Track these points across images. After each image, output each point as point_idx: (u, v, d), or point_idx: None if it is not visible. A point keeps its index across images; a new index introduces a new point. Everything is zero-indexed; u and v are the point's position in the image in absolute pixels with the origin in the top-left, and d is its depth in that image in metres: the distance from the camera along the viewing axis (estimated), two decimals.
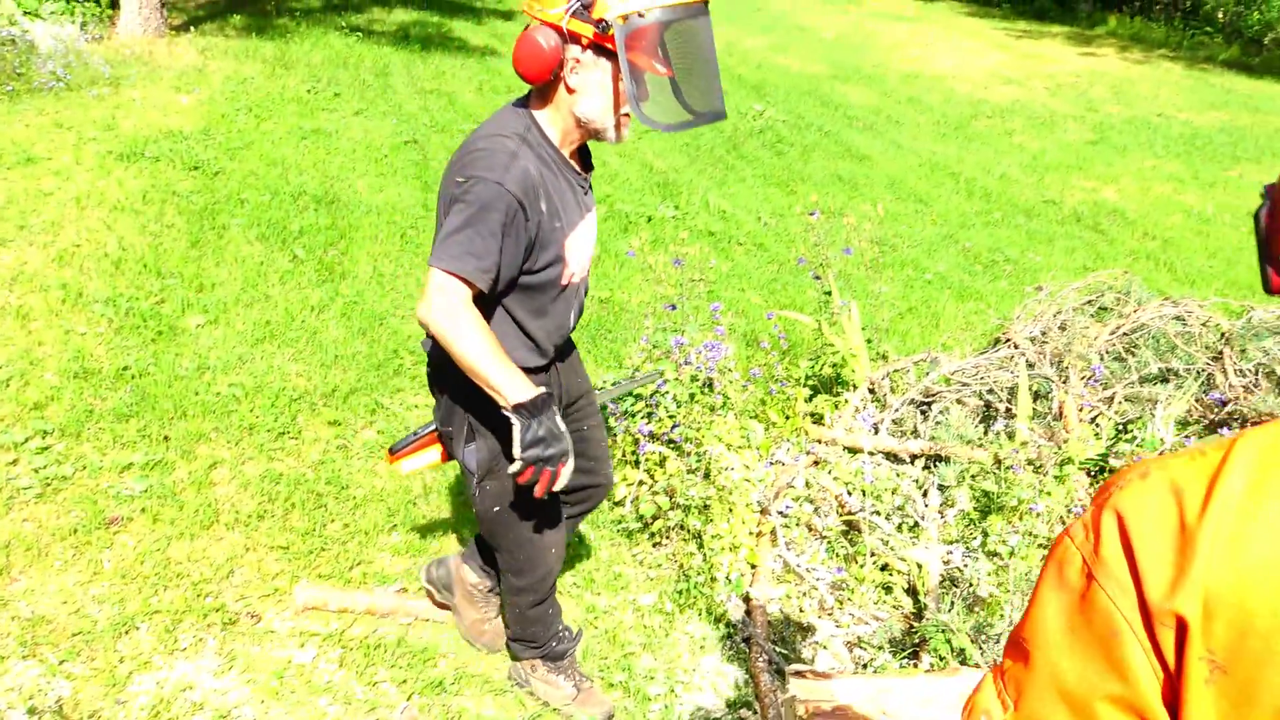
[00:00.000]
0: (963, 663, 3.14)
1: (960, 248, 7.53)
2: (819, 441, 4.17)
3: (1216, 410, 4.29)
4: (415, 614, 3.32)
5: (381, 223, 6.38)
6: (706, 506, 3.66)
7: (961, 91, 13.22)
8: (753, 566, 3.59)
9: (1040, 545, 3.60)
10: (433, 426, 2.71)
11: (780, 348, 4.87)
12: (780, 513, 3.80)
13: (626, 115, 2.31)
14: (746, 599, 3.49)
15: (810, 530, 3.81)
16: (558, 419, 2.29)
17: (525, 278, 2.35)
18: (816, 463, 4.07)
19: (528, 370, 2.43)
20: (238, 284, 5.36)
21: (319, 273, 5.59)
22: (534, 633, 2.95)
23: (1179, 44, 19.48)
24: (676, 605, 3.49)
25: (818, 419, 4.40)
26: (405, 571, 3.53)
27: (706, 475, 3.79)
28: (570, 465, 2.33)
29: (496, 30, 14.02)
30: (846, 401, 4.43)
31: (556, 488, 2.34)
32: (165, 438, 4.05)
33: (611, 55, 2.22)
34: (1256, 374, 4.53)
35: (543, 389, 2.27)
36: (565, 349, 2.75)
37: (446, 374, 2.49)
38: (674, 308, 4.53)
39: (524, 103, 2.40)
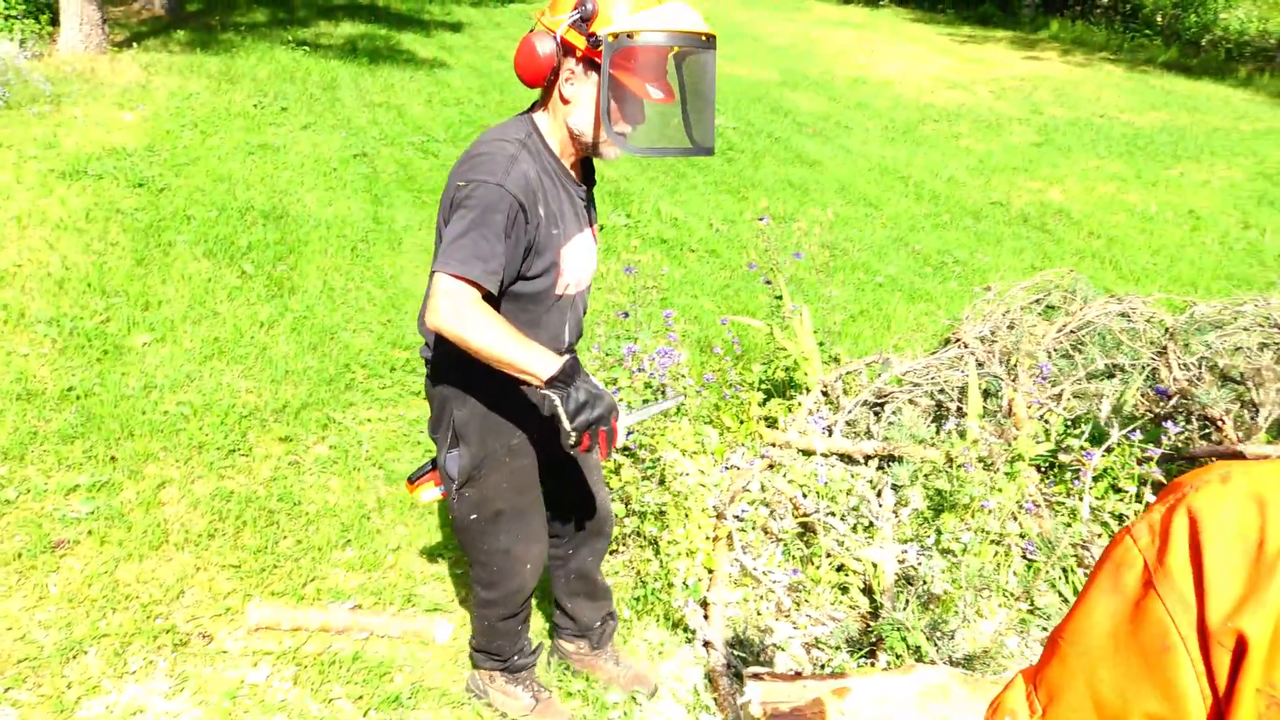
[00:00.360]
0: (919, 660, 3.17)
1: (910, 250, 7.60)
2: (773, 445, 4.18)
3: (1162, 404, 4.37)
4: (371, 629, 3.28)
5: (331, 236, 6.33)
6: (662, 513, 3.66)
7: (908, 96, 13.36)
8: (710, 571, 3.60)
9: (993, 541, 3.64)
10: None
11: (733, 353, 4.89)
12: (736, 517, 3.81)
13: (619, 134, 2.28)
14: (704, 603, 3.49)
15: (766, 533, 3.82)
16: (593, 380, 2.29)
17: (520, 284, 2.35)
18: (771, 466, 4.09)
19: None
20: (185, 301, 5.29)
21: (268, 288, 5.53)
22: (499, 646, 2.92)
23: (1119, 47, 19.84)
24: (634, 612, 3.48)
25: (771, 423, 4.42)
26: (360, 587, 3.49)
27: (661, 481, 3.79)
28: (623, 418, 2.33)
29: (445, 42, 13.97)
30: (800, 404, 4.46)
31: (619, 444, 2.34)
32: (112, 458, 3.99)
33: (600, 69, 2.21)
34: (1200, 367, 4.61)
35: (567, 356, 2.26)
36: None
37: (438, 380, 2.49)
38: (626, 315, 4.54)
39: (530, 110, 2.41)
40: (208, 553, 3.56)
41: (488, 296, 2.22)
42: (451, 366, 2.41)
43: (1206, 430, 4.37)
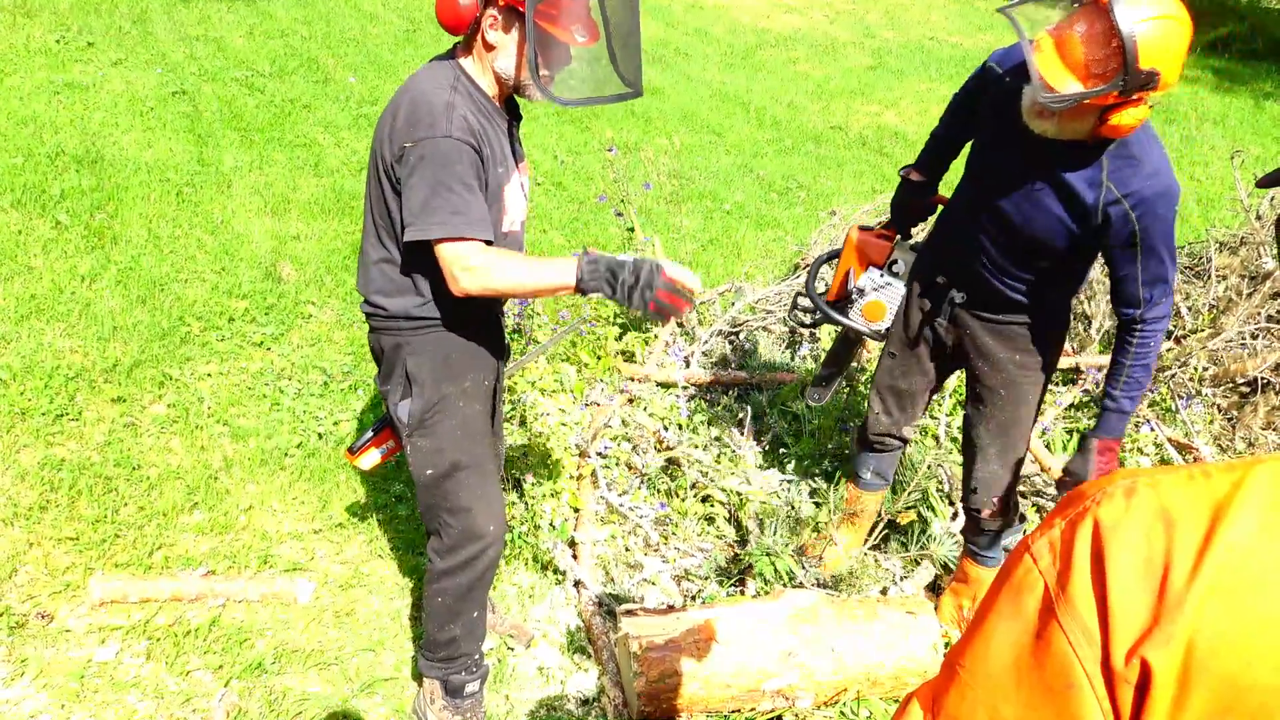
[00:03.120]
0: (788, 584, 3.22)
1: (755, 176, 7.64)
2: (632, 379, 4.16)
3: None
4: (227, 595, 3.14)
5: (153, 181, 5.94)
6: (525, 454, 3.60)
7: (745, 22, 13.37)
8: (576, 510, 3.57)
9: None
10: (381, 425, 2.72)
11: None
12: (599, 454, 3.78)
13: (545, 76, 2.28)
14: (572, 543, 3.47)
15: (630, 469, 3.81)
16: (613, 257, 2.24)
17: None
18: (631, 401, 4.07)
19: (477, 323, 2.47)
20: None
21: (87, 239, 5.16)
22: (454, 637, 2.71)
23: None
24: (503, 557, 3.43)
25: (629, 357, 4.40)
26: (212, 551, 3.33)
27: (523, 422, 3.73)
28: (673, 267, 2.24)
29: None
30: (656, 337, 4.44)
31: (695, 288, 2.26)
32: None
33: (523, 17, 2.19)
34: None
35: (581, 256, 2.23)
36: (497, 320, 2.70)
37: (388, 330, 2.45)
38: None
39: (450, 55, 2.37)
40: (41, 526, 3.33)
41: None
42: (403, 316, 2.41)
43: None
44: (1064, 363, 4.24)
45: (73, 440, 3.75)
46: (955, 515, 3.65)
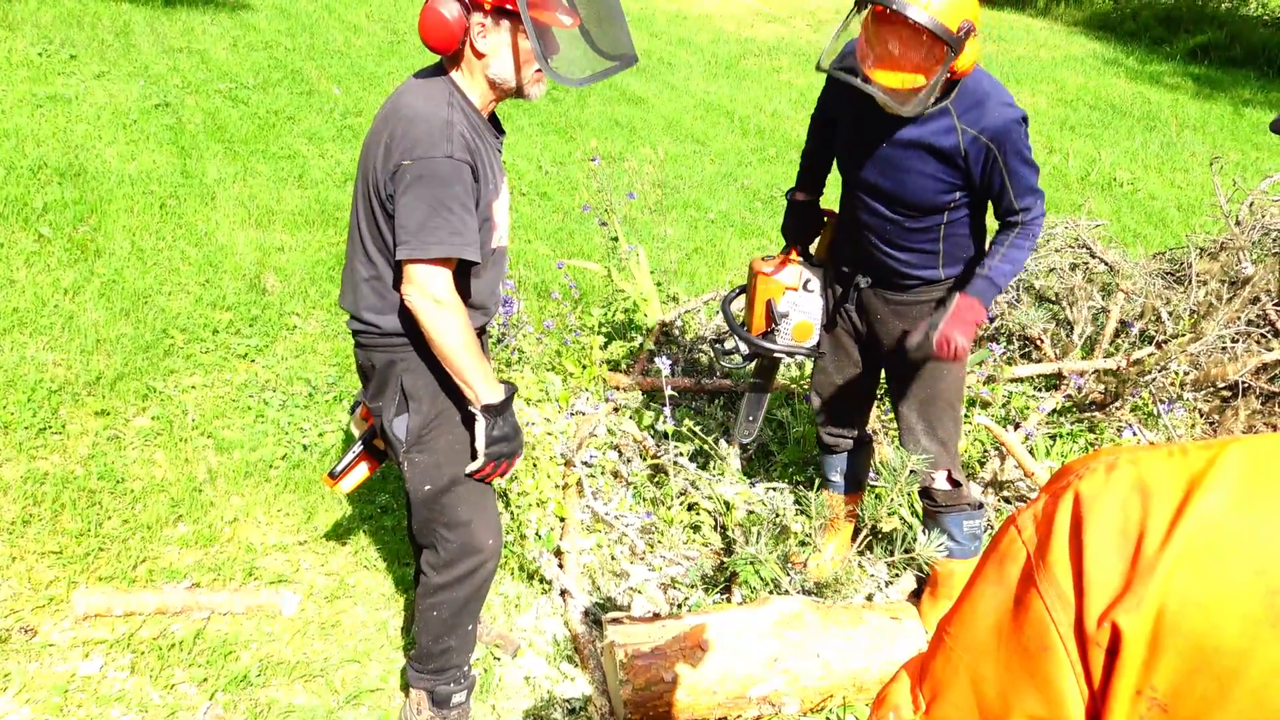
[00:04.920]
0: (774, 592, 3.23)
1: (739, 186, 7.67)
2: (617, 388, 4.17)
3: (985, 325, 4.55)
4: (212, 608, 3.13)
5: (137, 193, 5.93)
6: None
7: (728, 31, 13.43)
8: (561, 520, 3.57)
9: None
10: (360, 447, 2.74)
11: (571, 297, 4.84)
12: (585, 463, 3.78)
13: (539, 72, 2.32)
14: (558, 553, 3.47)
15: (616, 477, 3.81)
16: (515, 416, 2.44)
17: None
18: (616, 409, 4.08)
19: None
20: None
21: (69, 252, 5.14)
22: (449, 648, 2.70)
23: None
24: None
25: (614, 366, 4.41)
26: (196, 564, 3.32)
27: None
28: (519, 460, 2.49)
29: None
30: (642, 348, 4.45)
31: (504, 480, 2.47)
32: None
33: (512, 15, 2.22)
34: (1017, 289, 4.81)
35: (510, 386, 2.41)
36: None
37: (381, 347, 2.45)
38: None
39: (438, 70, 2.38)
40: (24, 540, 3.31)
41: (467, 267, 2.33)
42: (397, 333, 2.42)
43: (1027, 349, 4.59)
44: (1045, 369, 4.27)
45: (56, 454, 3.74)
46: None
